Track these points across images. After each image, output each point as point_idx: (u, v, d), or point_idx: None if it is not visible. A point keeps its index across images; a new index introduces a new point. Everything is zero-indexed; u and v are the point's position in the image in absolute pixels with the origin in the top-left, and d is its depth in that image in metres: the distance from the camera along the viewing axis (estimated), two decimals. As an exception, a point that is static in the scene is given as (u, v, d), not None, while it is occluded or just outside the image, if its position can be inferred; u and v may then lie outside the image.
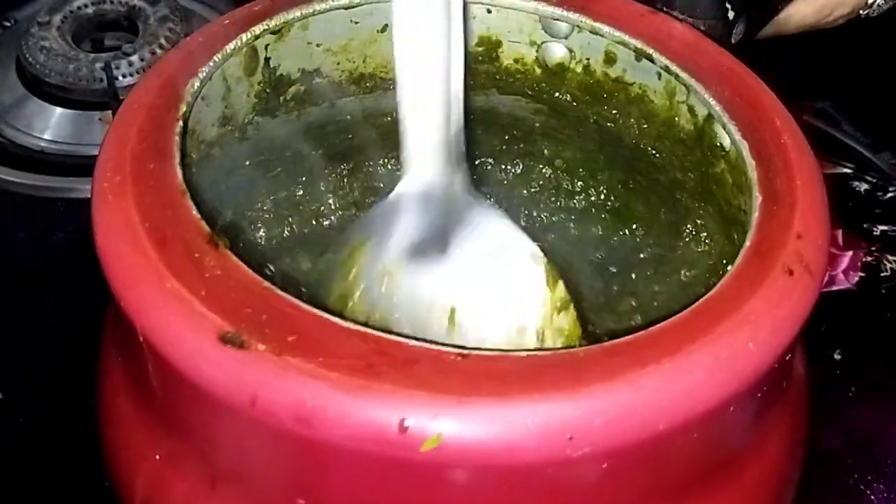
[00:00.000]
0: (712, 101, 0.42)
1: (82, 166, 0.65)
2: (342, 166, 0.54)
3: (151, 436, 0.36)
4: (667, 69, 0.44)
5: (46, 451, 0.50)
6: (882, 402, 0.54)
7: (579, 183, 0.53)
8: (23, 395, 0.53)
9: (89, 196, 0.35)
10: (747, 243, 0.34)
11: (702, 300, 0.32)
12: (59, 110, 0.69)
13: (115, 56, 0.70)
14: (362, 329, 0.30)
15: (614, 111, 0.50)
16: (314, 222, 0.54)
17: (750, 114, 0.41)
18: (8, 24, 0.76)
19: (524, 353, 0.29)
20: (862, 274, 0.58)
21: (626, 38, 0.45)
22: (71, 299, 0.57)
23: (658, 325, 0.31)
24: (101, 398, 0.40)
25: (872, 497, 0.50)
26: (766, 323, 0.32)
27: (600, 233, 0.53)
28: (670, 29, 0.46)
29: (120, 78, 0.69)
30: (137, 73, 0.69)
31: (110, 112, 0.68)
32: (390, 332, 0.30)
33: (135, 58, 0.70)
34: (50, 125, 0.69)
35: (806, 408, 0.42)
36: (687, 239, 0.48)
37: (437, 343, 0.29)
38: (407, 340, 0.29)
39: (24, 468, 0.50)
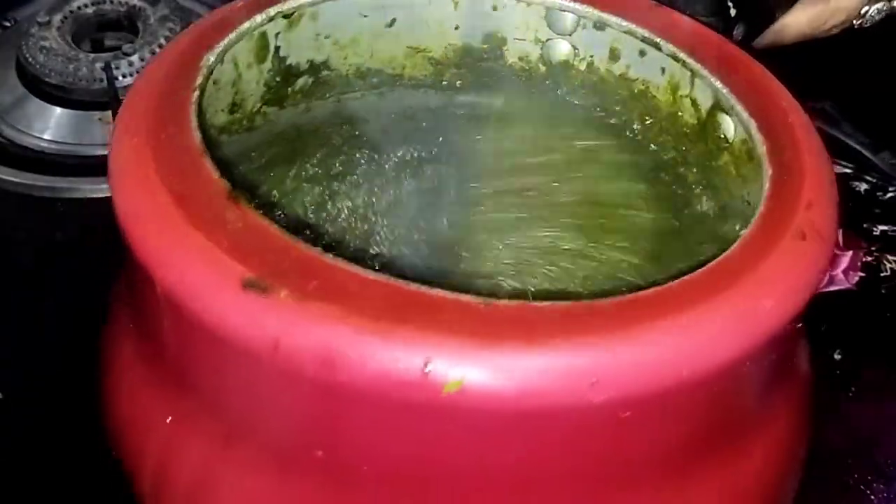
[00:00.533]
0: (719, 85, 0.42)
1: (82, 166, 0.65)
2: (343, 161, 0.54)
3: (162, 399, 0.35)
4: (674, 56, 0.45)
5: (46, 452, 0.50)
6: (882, 402, 0.54)
7: (581, 174, 0.53)
8: (23, 395, 0.52)
9: (90, 196, 0.35)
10: (760, 209, 0.35)
11: (718, 259, 0.32)
12: (59, 110, 0.69)
13: (115, 56, 0.70)
14: (385, 278, 0.30)
15: (617, 107, 0.50)
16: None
17: (756, 97, 0.41)
18: (8, 24, 0.76)
19: (548, 303, 0.30)
20: (862, 274, 0.59)
21: (633, 27, 0.46)
22: (71, 299, 0.57)
23: (677, 281, 0.31)
24: (107, 371, 0.40)
25: (872, 497, 0.50)
26: (782, 282, 0.32)
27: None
28: (676, 20, 0.46)
29: (120, 78, 0.69)
30: (137, 73, 0.69)
31: (110, 112, 0.68)
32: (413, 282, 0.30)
33: (135, 58, 0.70)
34: (50, 125, 0.69)
35: (809, 401, 0.42)
36: (691, 230, 0.48)
37: (460, 292, 0.30)
38: (430, 290, 0.30)
39: (24, 468, 0.49)
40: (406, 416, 0.30)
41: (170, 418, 0.35)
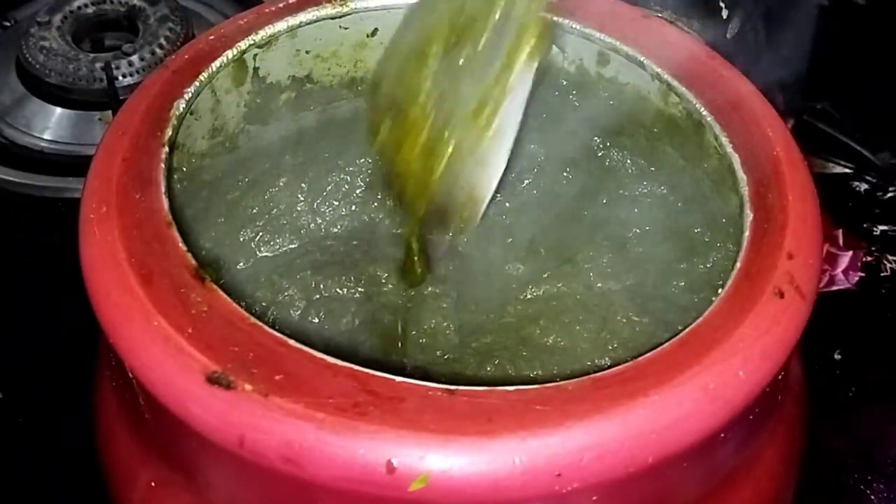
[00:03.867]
0: (704, 112, 0.41)
1: (82, 166, 0.63)
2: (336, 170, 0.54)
3: (145, 462, 0.36)
4: (658, 77, 0.43)
5: (46, 452, 0.51)
6: (882, 403, 0.54)
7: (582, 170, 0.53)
8: (23, 395, 0.53)
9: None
10: (738, 265, 0.34)
11: (691, 327, 0.32)
12: (59, 110, 0.69)
13: (115, 56, 0.70)
14: (349, 366, 0.30)
15: (609, 110, 0.49)
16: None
17: (741, 124, 0.40)
18: (8, 24, 0.76)
19: (511, 388, 0.29)
20: (862, 274, 0.58)
21: (617, 44, 0.45)
22: (71, 299, 0.57)
23: (646, 356, 0.31)
24: (97, 421, 0.40)
25: (872, 497, 0.50)
26: (756, 350, 0.31)
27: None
28: (663, 34, 0.45)
29: (120, 78, 0.69)
30: (137, 73, 0.69)
31: (110, 112, 0.68)
32: (376, 370, 0.30)
33: (135, 58, 0.70)
34: (50, 125, 0.69)
35: (802, 412, 0.42)
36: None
37: (423, 380, 0.29)
38: (393, 378, 0.29)
39: (24, 468, 0.50)
40: (373, 511, 0.30)
41: (153, 483, 0.35)
